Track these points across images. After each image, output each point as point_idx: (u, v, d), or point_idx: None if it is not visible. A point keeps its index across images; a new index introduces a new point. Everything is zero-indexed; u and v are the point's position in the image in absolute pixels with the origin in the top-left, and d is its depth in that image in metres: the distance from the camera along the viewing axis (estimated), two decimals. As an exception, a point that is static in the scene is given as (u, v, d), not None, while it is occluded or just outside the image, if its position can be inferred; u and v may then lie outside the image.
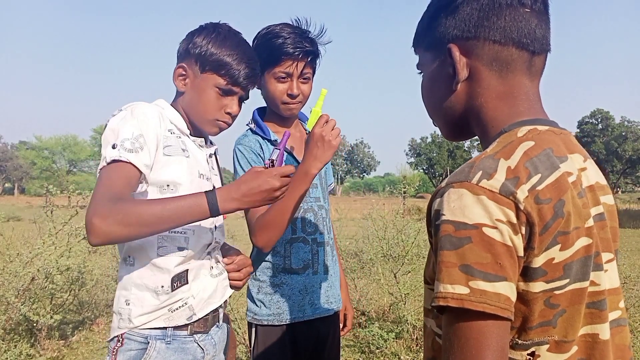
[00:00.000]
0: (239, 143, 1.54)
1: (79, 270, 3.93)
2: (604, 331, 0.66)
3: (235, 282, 1.37)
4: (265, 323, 1.52)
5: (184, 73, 1.25)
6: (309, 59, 1.49)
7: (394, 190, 6.54)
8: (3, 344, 3.28)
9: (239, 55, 1.23)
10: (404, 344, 3.72)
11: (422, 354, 3.60)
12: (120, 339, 1.17)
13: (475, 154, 0.95)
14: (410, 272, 4.49)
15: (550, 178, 0.61)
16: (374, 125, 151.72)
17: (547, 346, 0.63)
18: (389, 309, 4.39)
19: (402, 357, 3.50)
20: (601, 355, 0.65)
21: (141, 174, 1.12)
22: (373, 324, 4.03)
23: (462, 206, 0.60)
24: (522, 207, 0.59)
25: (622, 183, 47.49)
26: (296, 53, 1.45)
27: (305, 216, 1.57)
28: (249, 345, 1.50)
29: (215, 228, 1.31)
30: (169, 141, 1.20)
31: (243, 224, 1.66)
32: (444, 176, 54.06)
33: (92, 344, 4.00)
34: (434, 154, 56.26)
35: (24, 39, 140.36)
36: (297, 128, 1.66)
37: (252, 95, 1.34)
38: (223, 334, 1.35)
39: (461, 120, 0.77)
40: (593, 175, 0.72)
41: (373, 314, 4.44)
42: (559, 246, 0.60)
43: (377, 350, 3.61)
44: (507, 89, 0.71)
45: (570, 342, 0.63)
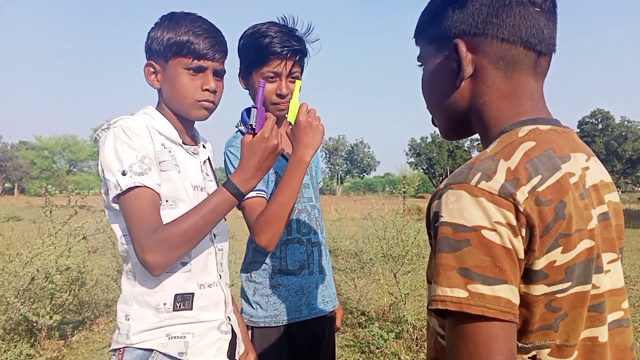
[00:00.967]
0: (230, 145, 1.51)
1: (79, 270, 3.93)
2: (602, 334, 0.65)
3: None
4: (262, 325, 1.50)
5: (153, 70, 1.24)
6: (297, 58, 1.47)
7: (394, 190, 6.52)
8: (3, 344, 3.28)
9: (195, 30, 1.21)
10: (404, 344, 3.72)
11: (422, 354, 3.60)
12: (121, 352, 1.17)
13: (475, 154, 0.93)
14: (410, 272, 4.48)
15: (551, 179, 0.60)
16: (374, 125, 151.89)
17: (548, 350, 0.62)
18: (389, 309, 4.39)
19: (402, 357, 3.50)
20: (599, 358, 0.64)
21: (157, 193, 1.14)
22: (373, 324, 4.03)
23: (460, 208, 0.59)
24: (521, 209, 0.58)
25: (622, 183, 47.45)
26: (284, 52, 1.42)
27: (300, 217, 1.56)
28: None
29: (215, 236, 1.30)
30: (162, 156, 1.19)
31: (243, 224, 1.65)
32: (444, 176, 54.07)
33: (92, 344, 4.00)
34: (434, 154, 56.28)
35: (24, 39, 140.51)
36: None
37: (242, 95, 1.33)
38: None
39: (463, 118, 0.76)
40: (597, 173, 0.71)
41: (373, 314, 4.44)
42: (560, 248, 0.59)
43: (377, 350, 3.61)
44: (512, 88, 0.70)
45: (572, 347, 0.62)
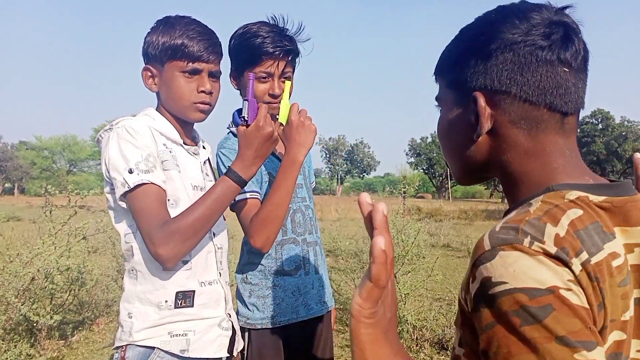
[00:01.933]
0: (222, 147, 1.50)
1: (79, 270, 3.93)
2: None
3: None
4: (259, 327, 1.49)
5: (150, 74, 1.27)
6: (289, 58, 1.47)
7: (394, 191, 6.52)
8: (3, 344, 3.28)
9: (189, 34, 1.23)
10: (404, 344, 3.71)
11: (422, 354, 3.60)
12: (124, 350, 1.19)
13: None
14: (410, 272, 4.48)
15: (595, 258, 0.54)
16: (374, 125, 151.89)
17: None
18: (389, 309, 4.38)
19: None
20: None
21: (164, 190, 1.17)
22: (373, 324, 4.02)
23: (525, 269, 0.51)
24: (579, 282, 0.52)
25: (622, 183, 47.13)
26: (276, 52, 1.42)
27: (294, 217, 1.56)
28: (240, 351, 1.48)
29: (214, 235, 1.32)
30: (164, 156, 1.22)
31: (242, 223, 1.64)
32: (444, 176, 54.11)
33: (92, 344, 4.00)
34: (434, 154, 56.25)
35: (24, 39, 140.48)
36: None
37: (233, 96, 1.33)
38: None
39: (480, 169, 0.72)
40: None
41: (373, 314, 4.43)
42: None
43: (377, 350, 3.60)
44: (538, 146, 0.65)
45: None
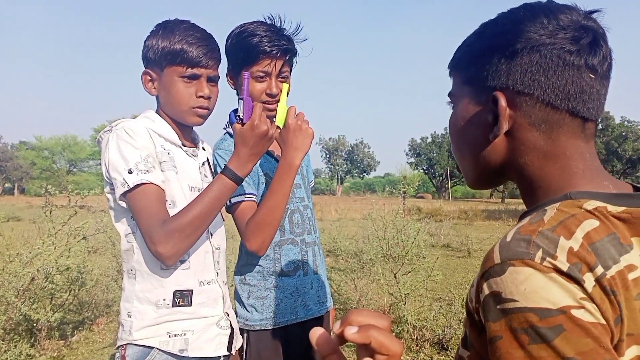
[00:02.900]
0: (218, 148, 1.49)
1: (79, 270, 3.93)
2: None
3: None
4: (258, 328, 1.48)
5: (150, 78, 1.28)
6: (287, 58, 1.46)
7: (394, 191, 6.52)
8: (3, 344, 3.28)
9: (188, 39, 1.24)
10: (404, 344, 3.71)
11: (422, 354, 3.60)
12: (124, 348, 1.21)
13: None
14: (410, 272, 4.48)
15: (610, 272, 0.52)
16: (374, 125, 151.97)
17: None
18: (389, 309, 4.39)
19: (402, 357, 3.49)
20: None
21: (163, 189, 1.19)
22: (373, 324, 4.02)
23: (536, 288, 0.50)
24: (592, 298, 0.51)
25: (622, 183, 47.19)
26: (274, 51, 1.41)
27: (292, 218, 1.55)
28: (239, 351, 1.48)
29: (211, 235, 1.33)
30: (161, 157, 1.24)
31: (242, 224, 1.63)
32: (444, 176, 54.09)
33: (92, 344, 4.00)
34: (434, 154, 56.24)
35: (24, 39, 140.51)
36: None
37: (230, 97, 1.33)
38: None
39: (495, 172, 0.69)
40: None
41: (373, 314, 4.43)
42: None
43: (377, 350, 3.60)
44: (558, 150, 0.63)
45: None
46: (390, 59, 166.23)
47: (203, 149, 1.42)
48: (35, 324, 3.58)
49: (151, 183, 1.15)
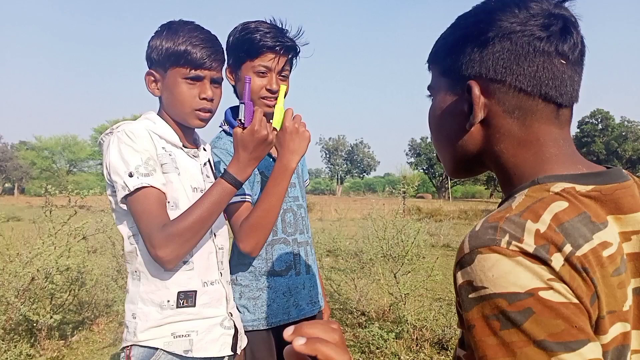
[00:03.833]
0: (214, 146, 1.49)
1: (79, 270, 3.93)
2: None
3: None
4: (250, 329, 1.48)
5: (153, 78, 1.28)
6: (289, 56, 1.46)
7: (394, 191, 6.52)
8: (3, 344, 3.28)
9: (192, 40, 1.24)
10: (404, 344, 3.72)
11: (422, 354, 3.60)
12: (129, 349, 1.21)
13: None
14: (410, 272, 4.48)
15: (581, 250, 0.52)
16: (374, 125, 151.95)
17: None
18: (389, 309, 4.39)
19: (402, 357, 3.50)
20: None
21: (163, 192, 1.19)
22: (373, 324, 4.03)
23: (503, 273, 0.51)
24: (561, 277, 0.51)
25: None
26: (277, 47, 1.41)
27: (285, 217, 1.54)
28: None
29: (215, 235, 1.34)
30: (163, 159, 1.24)
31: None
32: (444, 176, 54.06)
33: (92, 344, 3.99)
34: (434, 154, 56.16)
35: (24, 39, 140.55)
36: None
37: (227, 94, 1.33)
38: None
39: (472, 160, 0.70)
40: None
41: (373, 314, 4.44)
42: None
43: (377, 350, 3.61)
44: (532, 136, 0.64)
45: None
46: (390, 59, 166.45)
47: (204, 149, 1.43)
48: (35, 324, 3.57)
49: (152, 186, 1.15)
